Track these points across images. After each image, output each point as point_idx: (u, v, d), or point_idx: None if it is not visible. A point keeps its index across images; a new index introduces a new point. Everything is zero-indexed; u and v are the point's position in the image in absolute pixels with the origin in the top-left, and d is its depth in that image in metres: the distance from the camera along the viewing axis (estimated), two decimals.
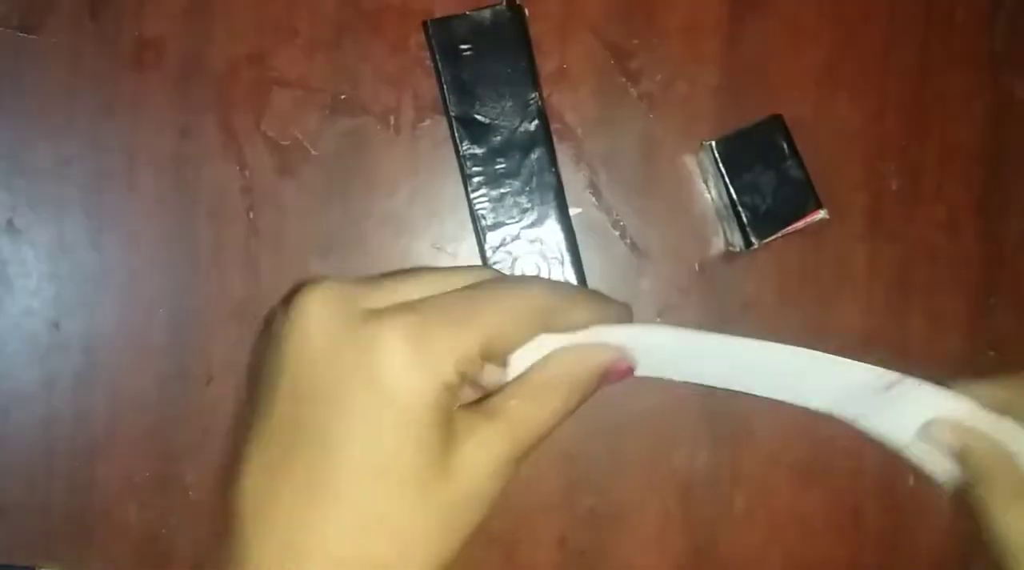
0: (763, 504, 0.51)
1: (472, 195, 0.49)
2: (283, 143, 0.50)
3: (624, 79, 0.50)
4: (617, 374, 0.34)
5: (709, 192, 0.50)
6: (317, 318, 0.30)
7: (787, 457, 0.51)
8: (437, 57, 0.49)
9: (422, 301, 0.31)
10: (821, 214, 0.47)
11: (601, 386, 0.33)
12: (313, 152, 0.50)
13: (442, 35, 0.49)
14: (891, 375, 0.35)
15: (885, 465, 0.51)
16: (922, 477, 0.50)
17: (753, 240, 0.47)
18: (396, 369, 0.29)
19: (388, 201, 0.51)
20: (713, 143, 0.47)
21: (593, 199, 0.51)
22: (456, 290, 0.32)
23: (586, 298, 0.34)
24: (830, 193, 0.48)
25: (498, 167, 0.49)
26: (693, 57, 0.50)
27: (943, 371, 0.50)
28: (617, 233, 0.51)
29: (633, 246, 0.51)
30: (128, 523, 0.51)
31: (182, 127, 0.50)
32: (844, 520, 0.51)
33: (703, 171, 0.50)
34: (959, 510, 0.51)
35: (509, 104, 0.48)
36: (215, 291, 0.51)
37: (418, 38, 0.50)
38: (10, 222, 0.50)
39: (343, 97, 0.50)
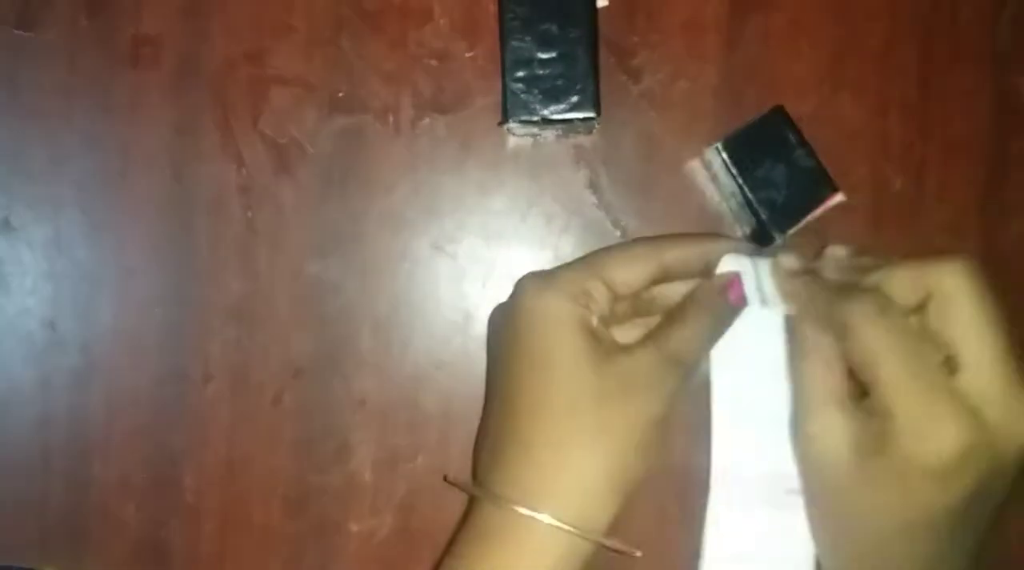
0: None
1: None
2: (281, 141, 0.50)
3: (625, 77, 0.50)
4: (738, 292, 0.42)
5: (720, 192, 0.50)
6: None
7: None
8: None
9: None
10: (839, 197, 0.47)
11: (730, 305, 0.42)
12: (311, 150, 0.50)
13: None
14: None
15: None
16: None
17: (775, 235, 0.47)
18: (531, 299, 0.40)
19: (387, 199, 0.50)
20: (719, 145, 0.47)
21: (593, 198, 0.50)
22: None
23: (688, 239, 0.44)
24: None
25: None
26: (694, 55, 0.50)
27: None
28: (618, 233, 0.50)
29: None
30: (125, 523, 0.51)
31: (179, 125, 0.50)
32: None
33: (710, 174, 0.50)
34: None
35: None
36: (213, 290, 0.50)
37: (417, 36, 0.50)
38: (6, 221, 0.50)
39: (341, 95, 0.50)
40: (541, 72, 0.47)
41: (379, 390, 0.50)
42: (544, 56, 0.47)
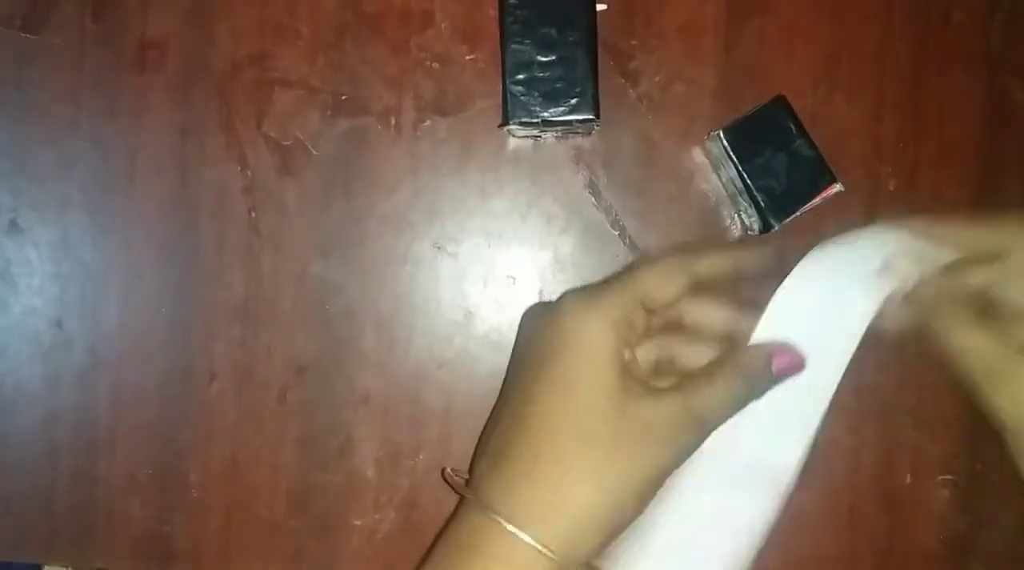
0: None
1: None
2: (285, 143, 0.51)
3: (623, 80, 0.51)
4: (785, 362, 0.41)
5: (720, 180, 0.50)
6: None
7: None
8: None
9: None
10: (837, 187, 0.48)
11: (777, 374, 0.41)
12: (314, 152, 0.51)
13: None
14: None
15: (882, 463, 0.51)
16: (918, 473, 0.51)
17: (773, 222, 0.47)
18: (572, 321, 0.40)
19: (389, 201, 0.51)
20: (721, 132, 0.47)
21: (592, 199, 0.51)
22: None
23: (719, 250, 0.44)
24: None
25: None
26: (691, 58, 0.51)
27: (940, 372, 0.51)
28: (616, 233, 0.51)
29: (633, 246, 0.51)
30: (131, 520, 0.51)
31: (184, 127, 0.51)
32: (841, 518, 0.51)
33: (711, 161, 0.50)
34: (956, 508, 0.51)
35: None
36: (217, 290, 0.51)
37: (419, 39, 0.51)
38: (13, 222, 0.51)
39: (344, 97, 0.51)
40: (541, 75, 0.48)
41: (381, 388, 0.51)
42: (544, 59, 0.48)
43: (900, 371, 0.51)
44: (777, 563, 0.51)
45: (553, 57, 0.48)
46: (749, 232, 0.50)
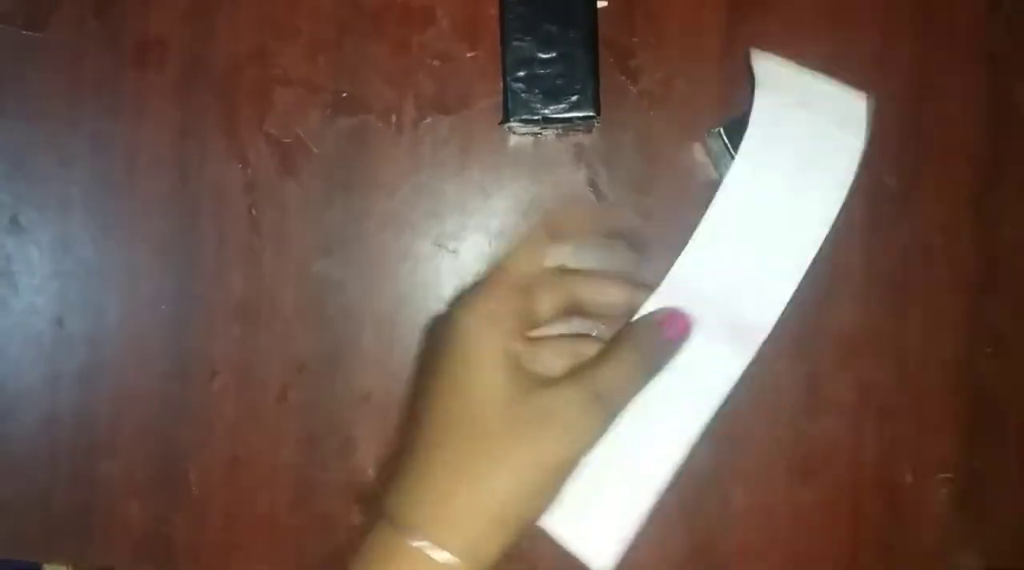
0: (762, 501, 0.51)
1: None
2: (285, 142, 0.51)
3: (624, 77, 0.51)
4: (675, 328, 0.41)
5: (721, 177, 0.50)
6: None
7: (785, 454, 0.51)
8: None
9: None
10: None
11: (668, 341, 0.41)
12: (315, 150, 0.51)
13: None
14: None
15: (883, 462, 0.51)
16: (919, 472, 0.51)
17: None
18: (452, 325, 0.39)
19: (389, 199, 0.51)
20: (721, 129, 0.47)
21: (593, 197, 0.51)
22: None
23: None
24: None
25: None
26: (692, 56, 0.51)
27: (940, 370, 0.51)
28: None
29: (633, 244, 0.51)
30: (131, 520, 0.51)
31: (185, 126, 0.51)
32: (842, 517, 0.51)
33: (712, 158, 0.50)
34: (956, 507, 0.51)
35: None
36: (217, 289, 0.51)
37: (419, 37, 0.51)
38: (14, 221, 0.51)
39: (345, 96, 0.51)
40: (541, 72, 0.48)
41: (382, 386, 0.51)
42: (544, 56, 0.48)
43: (900, 369, 0.51)
44: (778, 562, 0.51)
45: (554, 54, 0.48)
46: None
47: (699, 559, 0.51)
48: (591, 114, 0.48)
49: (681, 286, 0.42)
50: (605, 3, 0.50)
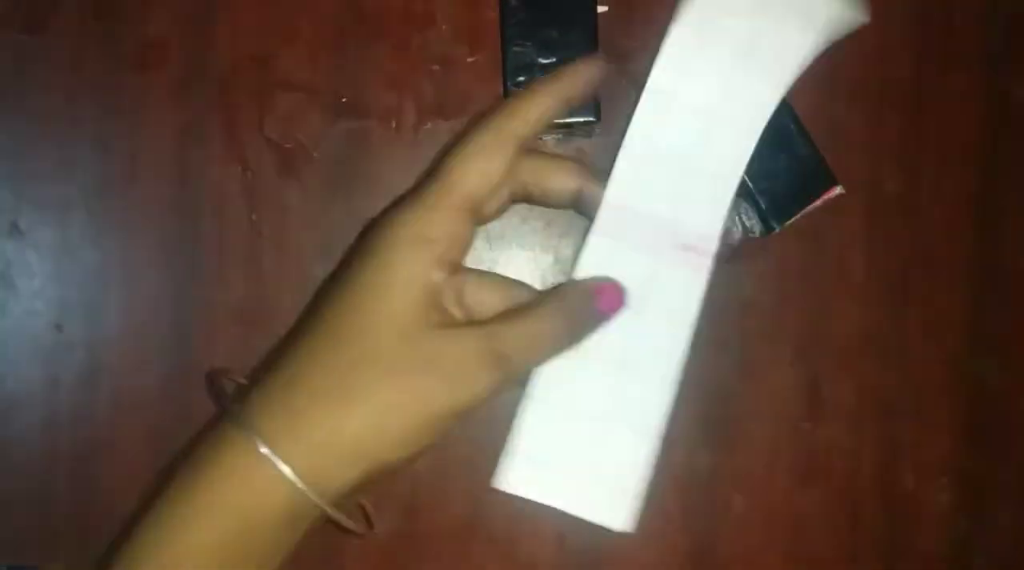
0: (761, 504, 0.51)
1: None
2: (285, 145, 0.51)
3: (623, 82, 0.51)
4: (609, 301, 0.38)
5: None
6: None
7: (785, 457, 0.51)
8: None
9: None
10: (837, 190, 0.48)
11: (599, 313, 0.38)
12: (315, 154, 0.51)
13: None
14: None
15: (883, 464, 0.51)
16: (919, 474, 0.51)
17: (774, 224, 0.48)
18: (380, 236, 0.37)
19: (390, 202, 0.51)
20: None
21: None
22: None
23: (527, 96, 0.39)
24: None
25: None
26: None
27: (941, 372, 0.51)
28: None
29: None
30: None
31: (185, 129, 0.51)
32: (842, 520, 0.51)
33: None
34: (957, 509, 0.51)
35: None
36: (218, 292, 0.51)
37: (419, 40, 0.51)
38: (14, 224, 0.51)
39: (345, 100, 0.51)
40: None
41: None
42: (544, 61, 0.48)
43: (900, 371, 0.51)
44: (778, 564, 0.51)
45: (554, 59, 0.48)
46: (750, 234, 0.50)
47: (699, 561, 0.51)
48: (591, 119, 0.48)
49: (618, 212, 0.40)
50: (605, 8, 0.50)
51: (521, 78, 0.48)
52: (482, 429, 0.49)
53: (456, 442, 0.51)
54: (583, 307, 0.38)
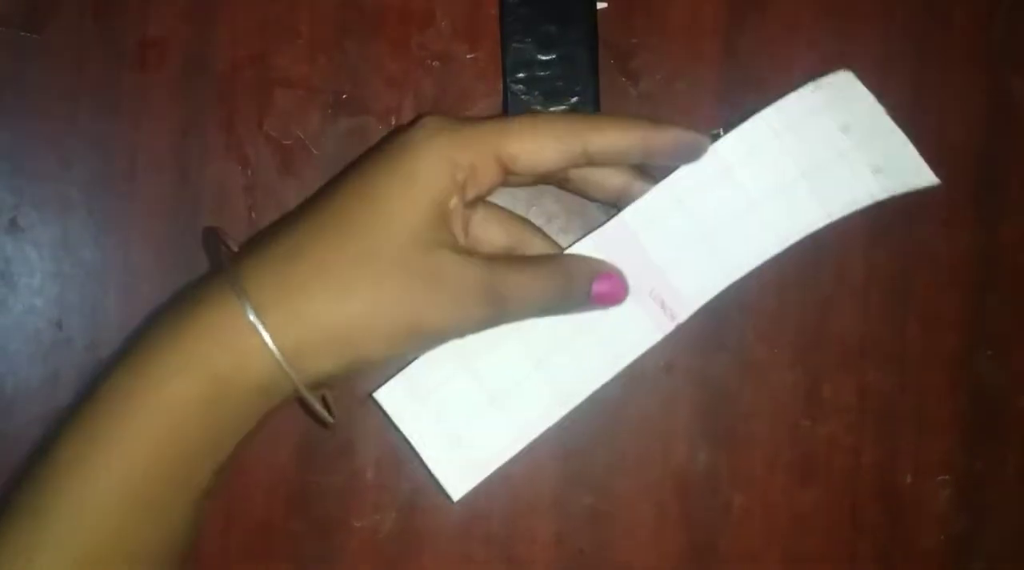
0: (761, 503, 0.51)
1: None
2: (285, 143, 0.51)
3: (624, 79, 0.51)
4: (605, 288, 0.39)
5: None
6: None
7: (785, 455, 0.51)
8: None
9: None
10: None
11: (595, 299, 0.39)
12: (315, 151, 0.51)
13: None
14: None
15: (883, 464, 0.51)
16: (919, 473, 0.51)
17: None
18: (416, 142, 0.37)
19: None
20: (722, 131, 0.47)
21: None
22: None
23: (619, 122, 0.39)
24: None
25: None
26: (693, 57, 0.51)
27: (940, 372, 0.51)
28: None
29: None
30: None
31: (185, 127, 0.51)
32: (842, 519, 0.51)
33: None
34: (957, 508, 0.51)
35: None
36: None
37: (419, 38, 0.51)
38: (13, 221, 0.51)
39: (345, 97, 0.51)
40: (541, 74, 0.48)
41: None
42: (544, 58, 0.48)
43: (900, 371, 0.51)
44: (777, 563, 0.51)
45: (553, 55, 0.48)
46: None
47: (698, 559, 0.51)
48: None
49: (624, 233, 0.41)
50: (605, 4, 0.50)
51: (521, 74, 0.48)
52: None
53: None
54: (581, 284, 0.39)
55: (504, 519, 0.51)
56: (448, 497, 0.43)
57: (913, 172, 0.43)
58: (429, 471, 0.43)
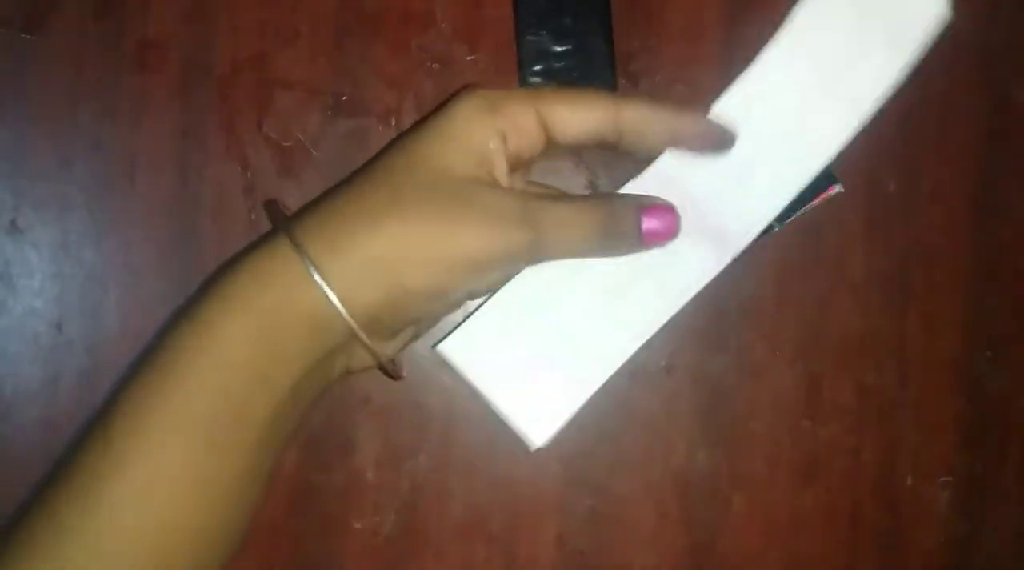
0: (761, 504, 0.51)
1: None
2: (285, 144, 0.51)
3: (624, 81, 0.51)
4: (655, 225, 0.39)
5: None
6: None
7: (785, 456, 0.51)
8: None
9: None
10: (837, 189, 0.48)
11: (646, 238, 0.39)
12: (315, 153, 0.51)
13: None
14: None
15: (883, 464, 0.51)
16: (919, 474, 0.51)
17: (773, 223, 0.47)
18: (462, 113, 0.38)
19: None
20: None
21: None
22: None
23: (651, 100, 0.40)
24: None
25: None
26: (692, 59, 0.51)
27: (940, 372, 0.51)
28: None
29: None
30: None
31: (185, 128, 0.51)
32: (842, 519, 0.51)
33: None
34: (957, 509, 0.51)
35: None
36: None
37: (419, 40, 0.51)
38: (13, 223, 0.51)
39: (345, 99, 0.51)
40: (558, 65, 0.48)
41: (382, 389, 0.51)
42: (560, 49, 0.48)
43: (900, 371, 0.51)
44: (779, 564, 0.51)
45: (569, 46, 0.48)
46: None
47: (698, 560, 0.51)
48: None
49: (664, 177, 0.41)
50: None
51: (537, 66, 0.48)
52: (482, 430, 0.49)
53: (456, 443, 0.51)
54: (626, 217, 0.39)
55: (505, 520, 0.51)
56: (528, 446, 0.42)
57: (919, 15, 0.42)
58: (502, 422, 0.42)
